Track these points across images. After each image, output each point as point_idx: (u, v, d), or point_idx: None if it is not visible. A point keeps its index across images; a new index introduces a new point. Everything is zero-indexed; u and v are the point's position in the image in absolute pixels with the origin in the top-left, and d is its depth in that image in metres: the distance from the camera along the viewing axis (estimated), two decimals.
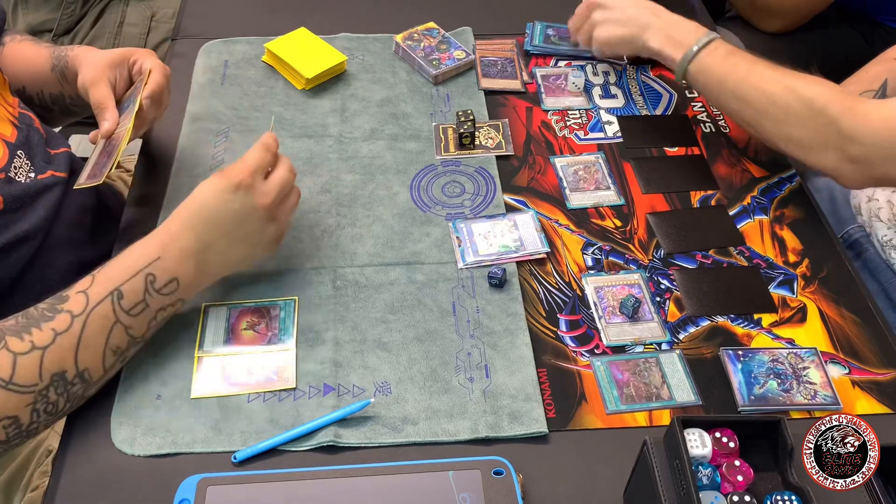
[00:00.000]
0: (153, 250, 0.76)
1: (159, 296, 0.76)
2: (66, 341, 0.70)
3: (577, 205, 0.99)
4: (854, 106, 0.86)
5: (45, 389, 0.69)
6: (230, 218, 0.79)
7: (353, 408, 0.75)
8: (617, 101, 1.14)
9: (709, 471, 0.63)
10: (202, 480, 0.68)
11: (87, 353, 0.71)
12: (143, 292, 0.75)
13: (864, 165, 0.85)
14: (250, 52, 1.18)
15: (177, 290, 0.77)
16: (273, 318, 0.84)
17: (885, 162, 0.84)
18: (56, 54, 1.00)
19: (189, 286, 0.79)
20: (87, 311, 0.72)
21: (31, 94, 1.03)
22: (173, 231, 0.78)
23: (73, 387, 0.71)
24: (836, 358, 0.84)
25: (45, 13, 1.57)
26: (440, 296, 0.87)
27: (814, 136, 0.88)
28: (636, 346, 0.84)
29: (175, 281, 0.77)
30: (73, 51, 0.98)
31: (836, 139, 0.86)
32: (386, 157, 1.03)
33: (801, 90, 0.89)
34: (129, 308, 0.74)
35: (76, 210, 0.96)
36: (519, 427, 0.75)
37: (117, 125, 0.90)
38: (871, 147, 0.84)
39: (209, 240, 0.78)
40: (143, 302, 0.75)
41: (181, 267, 0.77)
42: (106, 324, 0.72)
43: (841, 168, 0.88)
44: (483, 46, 1.21)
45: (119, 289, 0.73)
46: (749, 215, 0.99)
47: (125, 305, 0.74)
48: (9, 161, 0.87)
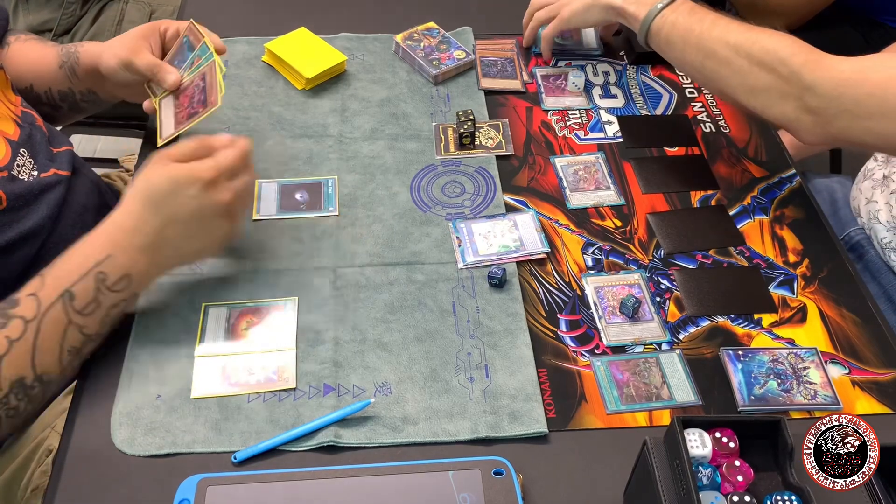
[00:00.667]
0: (103, 248, 0.75)
1: (111, 293, 0.75)
2: (21, 348, 0.70)
3: (578, 205, 0.99)
4: (818, 59, 0.86)
5: (6, 397, 0.70)
6: (189, 213, 0.77)
7: (353, 408, 0.75)
8: (617, 101, 1.14)
9: (709, 471, 0.63)
10: (202, 480, 0.68)
11: (44, 357, 0.72)
12: (94, 291, 0.74)
13: (822, 118, 0.85)
14: (250, 52, 1.18)
15: (129, 285, 0.76)
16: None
17: (841, 115, 0.84)
18: (64, 52, 1.01)
19: (142, 280, 0.78)
20: (39, 316, 0.71)
21: (39, 92, 1.03)
22: (126, 226, 0.77)
23: (33, 390, 0.72)
24: (837, 358, 0.84)
25: (45, 13, 1.57)
26: (440, 296, 0.87)
27: (774, 86, 0.88)
28: (636, 346, 0.84)
29: (127, 277, 0.76)
30: (83, 46, 0.99)
31: (796, 89, 0.86)
32: (386, 157, 1.03)
33: (764, 41, 0.89)
34: (81, 308, 0.73)
35: (79, 208, 0.96)
36: (519, 427, 0.75)
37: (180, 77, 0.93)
38: (829, 99, 0.84)
39: (165, 233, 0.77)
40: (95, 301, 0.74)
41: (133, 262, 0.76)
42: (59, 327, 0.72)
43: (800, 119, 0.87)
44: (483, 46, 1.21)
45: (70, 290, 0.73)
46: (749, 215, 0.99)
47: (77, 306, 0.73)
48: (12, 159, 0.87)
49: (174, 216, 0.77)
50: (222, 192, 0.79)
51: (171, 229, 0.77)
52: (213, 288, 0.86)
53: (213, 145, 0.80)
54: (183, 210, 0.77)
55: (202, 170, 0.78)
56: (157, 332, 0.82)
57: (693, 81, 1.17)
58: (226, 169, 0.79)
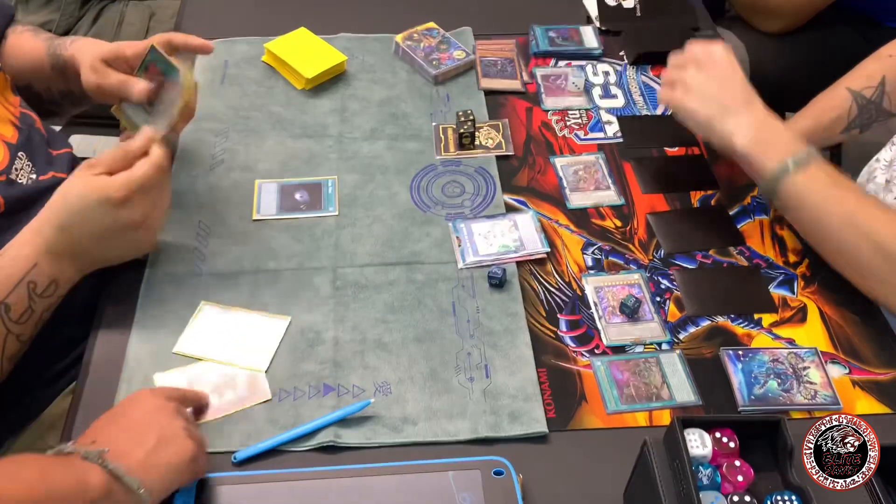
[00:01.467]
0: (27, 258, 0.77)
1: (42, 299, 0.78)
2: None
3: (577, 205, 0.99)
4: None
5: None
6: (101, 229, 0.78)
7: (353, 408, 0.75)
8: (617, 101, 1.14)
9: (709, 471, 0.63)
10: (202, 480, 0.68)
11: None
12: (27, 300, 0.76)
13: None
14: (250, 52, 1.18)
15: (57, 289, 0.79)
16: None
17: None
18: (52, 52, 0.99)
19: (68, 282, 0.80)
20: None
21: (39, 90, 1.02)
22: (46, 234, 0.78)
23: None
24: (837, 358, 0.84)
25: (44, 14, 1.57)
26: (440, 296, 0.87)
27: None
28: (636, 346, 0.84)
29: (55, 283, 0.78)
30: (69, 49, 0.98)
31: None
32: (386, 157, 1.03)
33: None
34: (17, 318, 0.76)
35: None
36: (519, 427, 0.75)
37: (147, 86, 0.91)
38: None
39: (82, 243, 0.79)
40: (29, 309, 0.77)
41: (58, 268, 0.78)
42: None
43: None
44: (483, 46, 1.21)
45: (4, 302, 0.75)
46: (749, 215, 0.99)
47: (13, 317, 0.75)
48: (10, 163, 0.87)
49: (87, 231, 0.78)
50: (133, 208, 0.79)
51: (87, 240, 0.79)
52: (214, 287, 0.86)
53: (132, 153, 0.80)
54: (95, 227, 0.78)
55: (113, 188, 0.77)
56: (157, 331, 0.82)
57: None
58: (138, 185, 0.78)
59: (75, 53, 0.96)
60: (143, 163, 0.79)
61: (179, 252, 0.90)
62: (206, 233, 0.93)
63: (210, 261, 0.89)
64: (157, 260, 0.89)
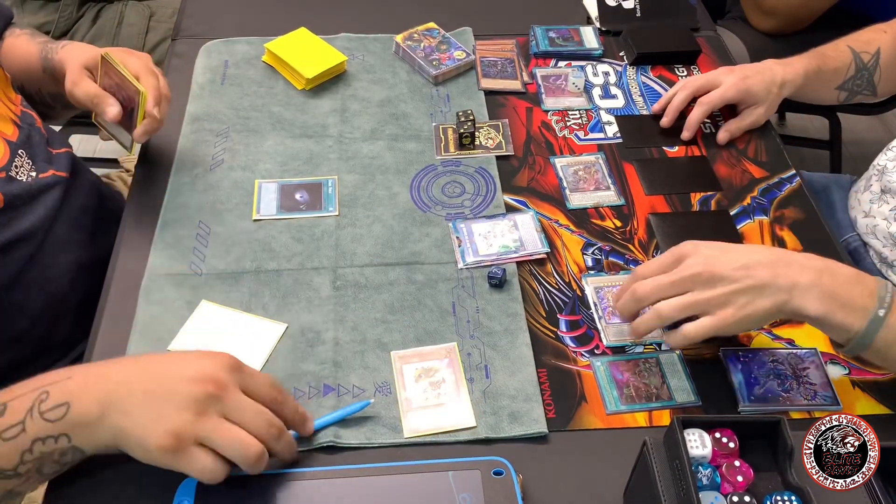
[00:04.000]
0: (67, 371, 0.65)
1: (40, 420, 0.62)
2: None
3: (577, 205, 0.99)
4: None
5: None
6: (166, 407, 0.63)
7: (353, 408, 0.75)
8: (617, 101, 1.14)
9: (709, 471, 0.63)
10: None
11: None
12: (25, 411, 0.62)
13: None
14: (250, 52, 1.18)
15: (63, 417, 0.62)
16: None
17: None
18: (44, 55, 0.99)
19: (78, 417, 0.62)
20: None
21: (31, 91, 1.03)
22: (102, 367, 0.67)
23: None
24: (836, 358, 0.84)
25: (42, 16, 1.57)
26: (440, 296, 0.87)
27: None
28: (636, 346, 0.84)
29: (64, 406, 0.62)
30: (58, 54, 0.97)
31: None
32: (386, 157, 1.03)
33: None
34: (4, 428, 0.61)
35: (77, 210, 0.96)
36: (519, 427, 0.75)
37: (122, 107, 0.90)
38: None
39: (133, 395, 0.64)
40: (21, 423, 0.62)
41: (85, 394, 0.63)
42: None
43: None
44: (483, 47, 1.21)
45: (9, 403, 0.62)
46: (749, 216, 0.99)
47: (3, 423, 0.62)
48: (10, 160, 0.87)
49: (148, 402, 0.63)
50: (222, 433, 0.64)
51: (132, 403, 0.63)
52: (214, 287, 0.86)
53: (288, 402, 0.70)
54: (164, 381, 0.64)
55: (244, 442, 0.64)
56: (157, 331, 0.82)
57: None
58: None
59: (63, 58, 0.96)
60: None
61: (179, 252, 0.90)
62: (206, 233, 0.93)
63: (210, 261, 0.89)
64: (158, 260, 0.89)
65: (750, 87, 1.05)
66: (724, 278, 0.73)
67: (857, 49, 1.10)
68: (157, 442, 0.61)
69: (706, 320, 0.74)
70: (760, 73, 1.06)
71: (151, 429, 0.62)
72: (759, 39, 1.53)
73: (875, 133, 2.31)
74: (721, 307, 0.73)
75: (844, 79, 1.10)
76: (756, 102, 1.07)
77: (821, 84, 1.10)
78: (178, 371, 0.65)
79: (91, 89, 0.91)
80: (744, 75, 1.06)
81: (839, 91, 1.12)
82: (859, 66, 1.09)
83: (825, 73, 1.09)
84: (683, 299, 0.74)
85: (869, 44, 1.11)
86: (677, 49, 1.21)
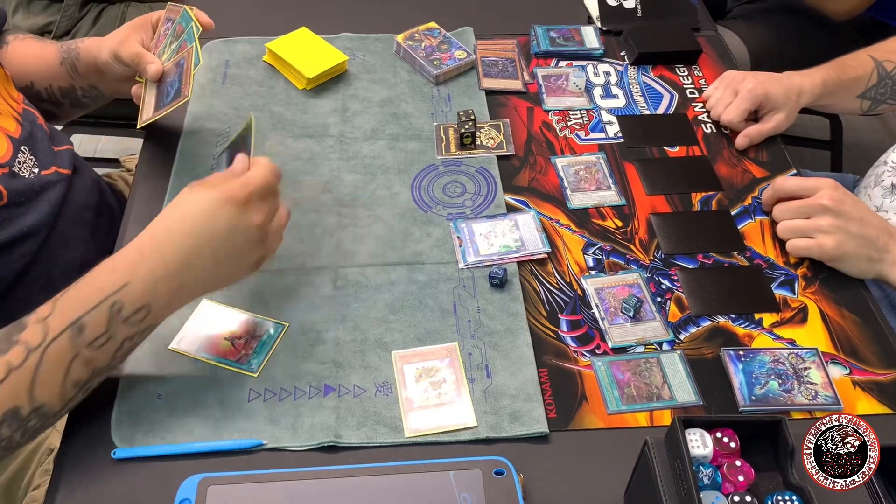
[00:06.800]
0: (122, 275, 0.69)
1: (126, 326, 0.69)
2: (20, 377, 0.65)
3: (578, 205, 0.99)
4: None
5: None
6: (221, 236, 0.72)
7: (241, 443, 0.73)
8: (618, 101, 1.14)
9: (710, 471, 0.63)
10: (203, 480, 0.69)
11: (44, 390, 0.66)
12: (106, 323, 0.68)
13: None
14: (251, 52, 1.18)
15: (146, 317, 0.70)
16: (254, 339, 0.83)
17: None
18: (65, 48, 1.01)
19: (160, 312, 0.72)
20: (43, 346, 0.66)
21: (40, 88, 1.03)
22: (146, 250, 0.71)
23: (29, 422, 0.66)
24: (837, 358, 0.84)
25: (44, 16, 1.57)
26: (441, 296, 0.87)
27: None
28: (638, 346, 0.84)
29: (146, 308, 0.70)
30: (83, 42, 1.00)
31: None
32: (387, 156, 1.03)
33: None
34: (90, 341, 0.67)
35: (79, 207, 0.96)
36: (520, 427, 0.75)
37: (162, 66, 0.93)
38: None
39: (191, 260, 0.71)
40: (107, 334, 0.68)
41: (153, 292, 0.70)
42: (64, 359, 0.66)
43: None
44: (484, 46, 1.21)
45: (80, 320, 0.67)
46: (750, 216, 0.99)
47: (87, 338, 0.67)
48: (13, 156, 0.88)
49: (205, 240, 0.71)
50: (254, 212, 0.74)
51: (199, 255, 0.71)
52: None
53: (234, 172, 0.76)
54: (215, 233, 0.72)
55: (234, 188, 0.72)
56: (157, 331, 0.82)
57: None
58: (256, 188, 0.74)
59: (90, 43, 0.98)
60: (256, 168, 0.75)
61: None
62: None
63: None
64: None
65: (768, 91, 1.06)
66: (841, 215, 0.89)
67: (879, 58, 1.10)
68: (246, 274, 0.77)
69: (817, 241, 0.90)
70: (779, 80, 1.07)
71: (236, 272, 0.76)
72: (760, 39, 1.53)
73: (876, 133, 2.31)
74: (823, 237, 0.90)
75: (866, 87, 1.10)
76: (775, 107, 1.07)
77: (841, 93, 1.10)
78: (216, 224, 0.72)
79: (134, 48, 0.94)
80: (761, 80, 1.07)
81: (861, 100, 1.11)
82: (882, 75, 1.09)
83: (845, 82, 1.09)
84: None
85: (893, 52, 1.11)
86: (678, 49, 1.21)
